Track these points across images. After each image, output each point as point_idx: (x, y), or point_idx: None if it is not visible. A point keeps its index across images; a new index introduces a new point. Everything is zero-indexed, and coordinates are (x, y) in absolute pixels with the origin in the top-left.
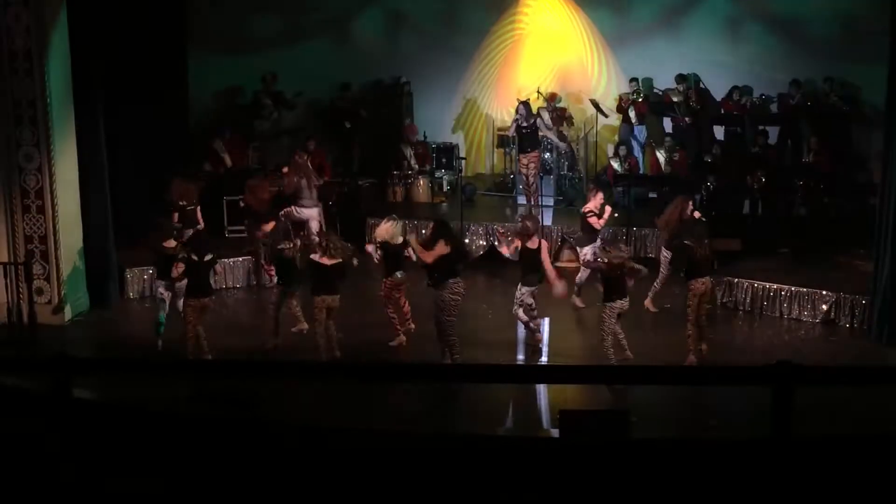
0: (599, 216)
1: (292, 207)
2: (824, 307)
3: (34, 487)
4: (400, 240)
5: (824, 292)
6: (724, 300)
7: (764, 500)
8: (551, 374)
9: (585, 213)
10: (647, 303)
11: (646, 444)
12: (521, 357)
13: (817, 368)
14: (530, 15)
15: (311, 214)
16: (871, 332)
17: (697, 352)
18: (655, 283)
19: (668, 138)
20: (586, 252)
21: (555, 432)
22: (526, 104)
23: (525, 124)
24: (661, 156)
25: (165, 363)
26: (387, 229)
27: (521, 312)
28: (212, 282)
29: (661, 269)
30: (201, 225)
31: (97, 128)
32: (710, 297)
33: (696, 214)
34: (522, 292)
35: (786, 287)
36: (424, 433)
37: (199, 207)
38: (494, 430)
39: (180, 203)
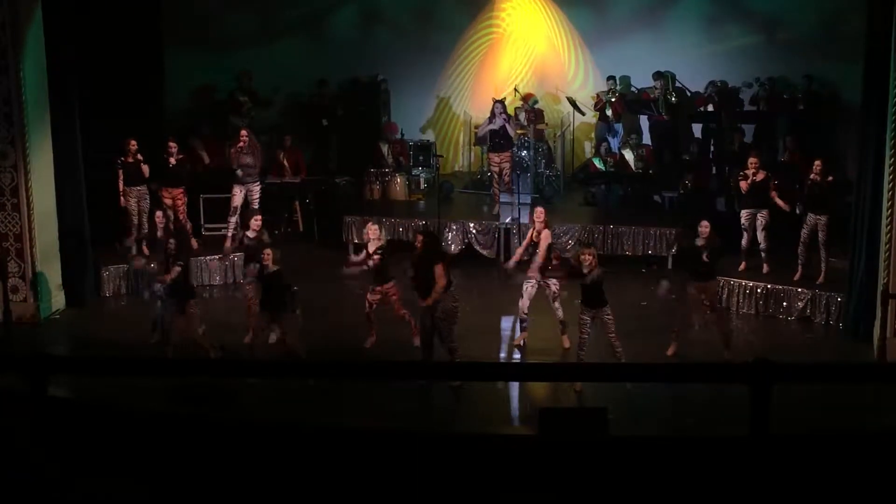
0: None
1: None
2: (800, 304)
3: (8, 486)
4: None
5: (799, 290)
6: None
7: (742, 498)
8: (529, 372)
9: None
10: None
11: (624, 442)
12: (503, 354)
13: (794, 366)
14: (508, 13)
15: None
16: (847, 329)
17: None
18: None
19: (633, 136)
20: None
21: (534, 430)
22: (502, 103)
23: (500, 123)
24: (628, 154)
25: (142, 362)
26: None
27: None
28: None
29: None
30: (146, 175)
31: (73, 125)
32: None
33: None
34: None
35: (761, 284)
36: (402, 431)
37: (142, 162)
38: (472, 429)
39: (119, 160)
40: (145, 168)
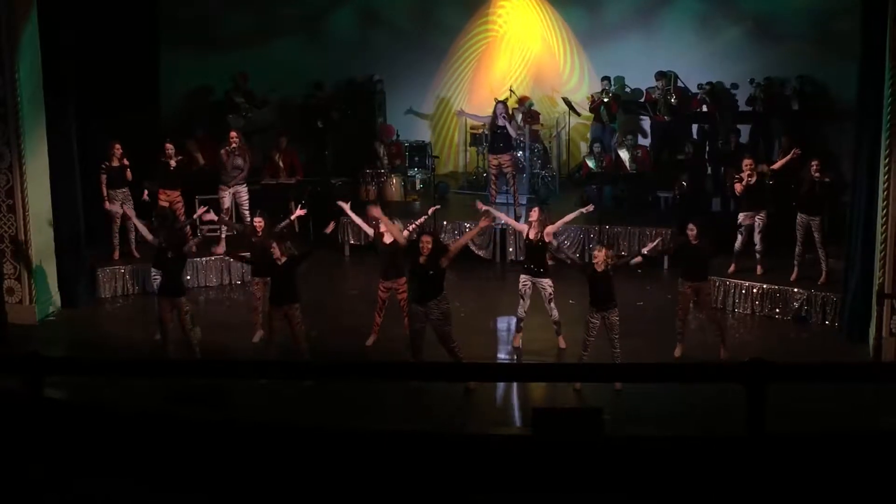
0: None
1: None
2: (796, 305)
3: (4, 487)
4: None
5: (796, 290)
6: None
7: (738, 498)
8: (527, 372)
9: None
10: None
11: (619, 443)
12: (498, 355)
13: (789, 366)
14: (504, 14)
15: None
16: (843, 330)
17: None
18: None
19: (629, 136)
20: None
21: (528, 430)
22: (504, 104)
23: (500, 124)
24: (623, 154)
25: (137, 363)
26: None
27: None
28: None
29: None
30: (129, 178)
31: (68, 127)
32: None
33: None
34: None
35: (757, 284)
36: (396, 431)
37: (126, 167)
38: (466, 429)
39: (104, 164)
40: (128, 172)
